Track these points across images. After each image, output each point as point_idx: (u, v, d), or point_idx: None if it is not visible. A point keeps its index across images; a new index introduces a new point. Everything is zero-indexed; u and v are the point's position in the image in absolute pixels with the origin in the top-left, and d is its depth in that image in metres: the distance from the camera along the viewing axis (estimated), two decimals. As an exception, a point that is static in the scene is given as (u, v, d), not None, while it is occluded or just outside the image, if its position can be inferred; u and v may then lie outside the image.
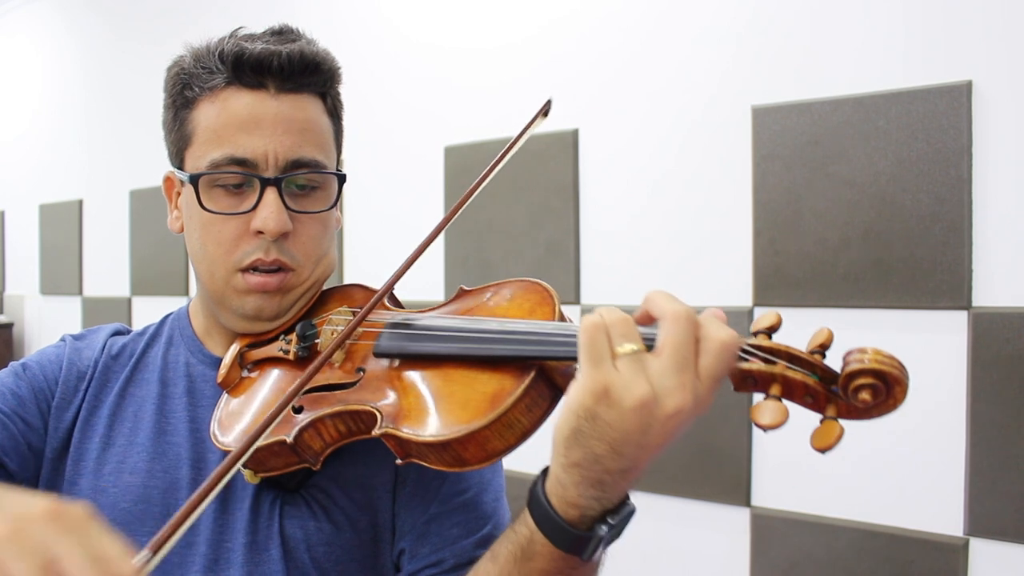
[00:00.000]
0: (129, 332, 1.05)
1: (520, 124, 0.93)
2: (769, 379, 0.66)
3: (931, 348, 1.66)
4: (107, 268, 3.53)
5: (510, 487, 1.00)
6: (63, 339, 1.02)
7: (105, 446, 0.94)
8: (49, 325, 3.91)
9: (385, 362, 0.85)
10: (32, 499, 0.53)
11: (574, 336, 0.71)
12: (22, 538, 0.49)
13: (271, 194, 0.89)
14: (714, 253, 1.95)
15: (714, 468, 1.90)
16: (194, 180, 0.90)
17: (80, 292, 3.69)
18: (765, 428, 0.64)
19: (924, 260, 1.66)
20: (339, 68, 0.96)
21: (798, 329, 0.78)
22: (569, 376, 0.76)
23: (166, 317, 1.07)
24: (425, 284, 2.41)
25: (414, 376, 0.82)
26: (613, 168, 2.12)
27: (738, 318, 1.88)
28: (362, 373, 0.85)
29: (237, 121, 0.89)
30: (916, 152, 1.67)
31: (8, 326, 4.11)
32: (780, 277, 1.83)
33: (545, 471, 0.73)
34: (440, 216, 2.40)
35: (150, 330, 1.05)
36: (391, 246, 2.51)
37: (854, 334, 1.74)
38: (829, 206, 1.77)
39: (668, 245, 2.02)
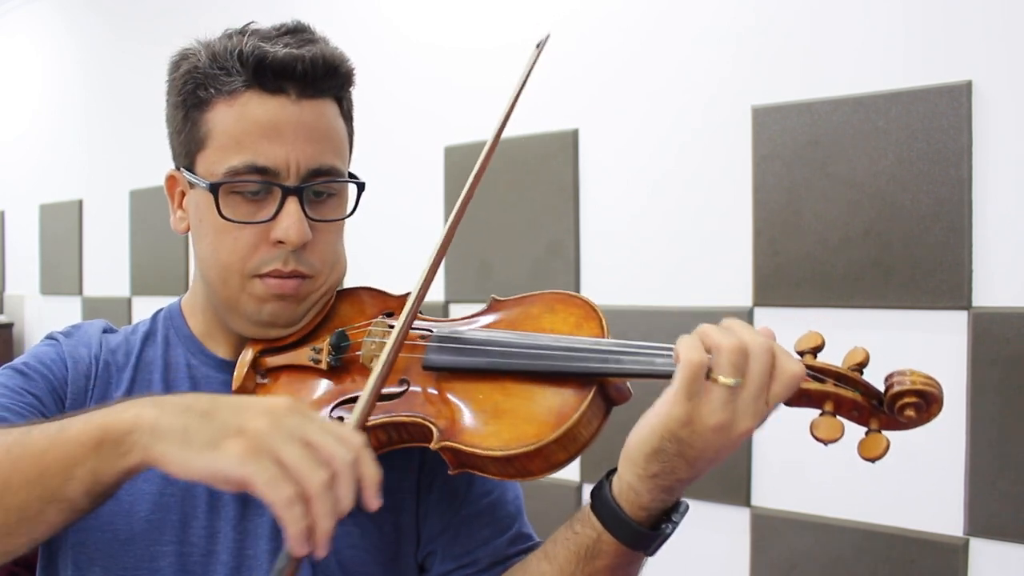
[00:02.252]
0: (115, 330, 1.02)
1: (518, 125, 0.94)
2: (823, 397, 0.73)
3: (931, 348, 1.66)
4: (107, 268, 3.52)
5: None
6: (53, 338, 0.98)
7: None
8: (49, 325, 3.90)
9: (432, 374, 0.84)
10: (267, 399, 0.67)
11: (641, 355, 0.77)
12: (281, 428, 0.63)
13: (292, 204, 0.87)
14: (714, 253, 1.95)
15: (714, 468, 1.90)
16: (214, 189, 0.87)
17: (80, 292, 3.69)
18: (825, 442, 0.71)
19: (924, 260, 1.66)
20: (354, 70, 0.95)
21: (799, 329, 0.78)
22: (621, 391, 0.80)
23: (156, 314, 1.03)
24: (425, 284, 2.41)
25: (467, 389, 0.82)
26: (613, 168, 2.12)
27: (738, 318, 1.88)
28: (406, 385, 0.85)
29: (257, 127, 0.86)
30: (916, 152, 1.67)
31: (8, 326, 4.11)
32: (780, 277, 1.83)
33: (608, 476, 0.78)
34: (441, 216, 2.40)
35: (142, 328, 1.01)
36: (391, 246, 2.51)
37: (854, 334, 1.73)
38: (829, 206, 1.77)
39: (668, 245, 2.02)
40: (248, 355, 0.93)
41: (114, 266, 3.48)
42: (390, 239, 2.51)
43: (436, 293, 2.39)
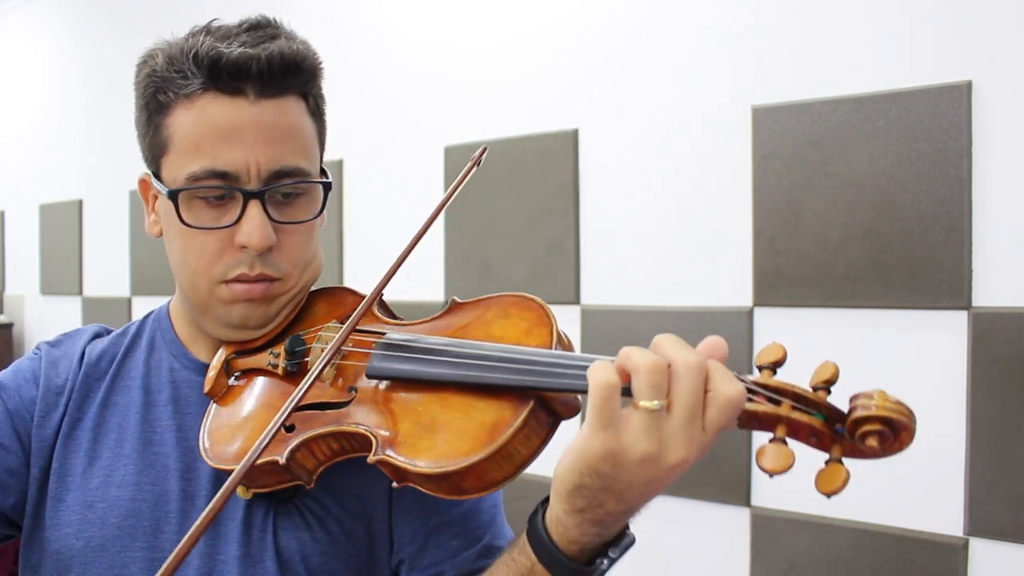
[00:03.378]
0: (109, 332, 1.02)
1: (518, 125, 0.93)
2: (774, 420, 0.65)
3: (931, 348, 1.66)
4: (107, 268, 3.52)
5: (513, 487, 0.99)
6: (38, 348, 0.99)
7: (91, 460, 0.92)
8: (49, 325, 3.90)
9: (378, 382, 0.83)
10: None
11: (579, 370, 0.70)
12: None
13: (254, 208, 0.85)
14: (714, 253, 1.95)
15: (714, 468, 1.90)
16: (173, 196, 0.86)
17: (80, 292, 3.69)
18: (770, 473, 0.63)
19: (924, 260, 1.66)
20: (321, 64, 0.91)
21: (799, 329, 0.78)
22: (569, 405, 0.75)
23: (146, 316, 1.03)
24: (425, 284, 2.41)
25: (409, 399, 0.79)
26: (613, 168, 2.12)
27: (738, 318, 1.88)
28: (354, 392, 0.83)
29: (215, 131, 0.84)
30: (916, 152, 1.67)
31: (8, 326, 4.11)
32: (780, 277, 1.83)
33: (544, 503, 0.73)
34: (441, 216, 2.40)
35: (130, 331, 1.01)
36: (391, 246, 2.50)
37: (854, 334, 1.74)
38: (829, 206, 1.77)
39: (668, 245, 2.02)
40: (220, 357, 0.93)
41: (114, 266, 3.48)
42: (389, 239, 2.51)
43: (436, 293, 2.39)
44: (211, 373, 0.92)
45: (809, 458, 0.70)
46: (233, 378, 0.92)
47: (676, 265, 2.01)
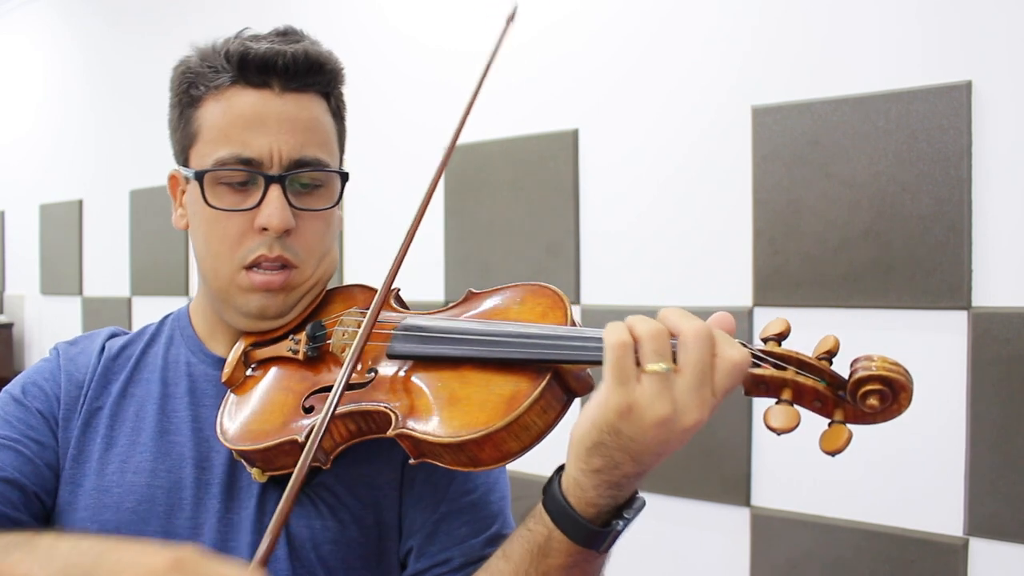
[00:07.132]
0: (126, 334, 1.06)
1: (518, 125, 0.93)
2: (780, 384, 0.69)
3: (931, 348, 1.66)
4: (107, 268, 3.53)
5: (513, 487, 1.00)
6: (56, 348, 1.02)
7: (107, 446, 0.95)
8: (49, 325, 3.91)
9: (398, 363, 0.86)
10: (148, 551, 0.65)
11: (590, 341, 0.74)
12: None
13: (275, 191, 0.90)
14: (714, 253, 1.95)
15: (714, 468, 1.90)
16: (199, 177, 0.91)
17: (80, 292, 3.69)
18: (778, 431, 0.67)
19: (924, 260, 1.66)
20: (342, 69, 0.98)
21: (798, 329, 0.78)
22: (582, 380, 0.79)
23: (166, 317, 1.07)
24: (425, 284, 2.41)
25: (428, 377, 0.83)
26: (613, 168, 2.12)
27: (738, 318, 1.87)
28: (374, 374, 0.86)
29: (242, 120, 0.90)
30: (916, 152, 1.67)
31: (8, 326, 4.11)
32: (780, 277, 1.83)
33: (559, 472, 0.75)
34: (440, 217, 2.40)
35: (150, 330, 1.05)
36: (391, 246, 2.50)
37: (854, 334, 1.73)
38: (829, 206, 1.77)
39: (668, 245, 2.02)
40: (239, 349, 0.96)
41: (114, 266, 3.48)
42: (390, 239, 2.50)
43: (436, 293, 2.39)
44: (230, 361, 0.95)
45: (808, 458, 0.71)
46: (250, 369, 0.96)
47: (676, 265, 2.01)
